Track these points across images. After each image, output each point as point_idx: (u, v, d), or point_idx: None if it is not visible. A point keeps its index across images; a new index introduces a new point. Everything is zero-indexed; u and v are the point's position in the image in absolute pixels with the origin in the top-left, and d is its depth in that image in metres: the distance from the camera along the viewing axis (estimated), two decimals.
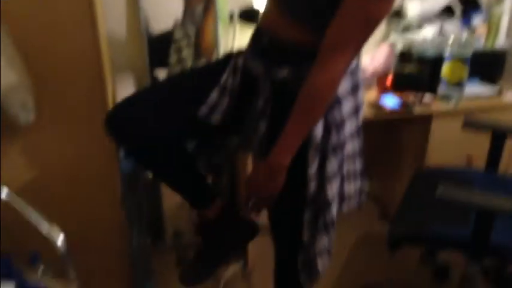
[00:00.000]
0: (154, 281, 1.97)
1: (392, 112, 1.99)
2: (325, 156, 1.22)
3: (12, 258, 1.49)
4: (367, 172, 1.37)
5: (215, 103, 1.32)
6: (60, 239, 1.37)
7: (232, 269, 2.14)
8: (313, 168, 1.21)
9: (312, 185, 1.22)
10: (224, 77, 1.33)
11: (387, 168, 2.55)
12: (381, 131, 2.47)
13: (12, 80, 1.38)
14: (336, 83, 1.12)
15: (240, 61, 1.33)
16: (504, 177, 1.82)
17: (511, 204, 1.34)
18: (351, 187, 1.30)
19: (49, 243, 1.37)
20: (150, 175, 1.66)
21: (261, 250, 2.10)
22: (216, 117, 1.33)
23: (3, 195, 1.45)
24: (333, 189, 1.23)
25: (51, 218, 1.40)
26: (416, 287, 2.09)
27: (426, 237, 1.52)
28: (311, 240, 1.29)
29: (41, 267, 1.60)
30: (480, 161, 2.06)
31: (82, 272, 1.45)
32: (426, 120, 2.07)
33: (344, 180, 1.28)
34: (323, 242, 1.28)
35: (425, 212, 1.61)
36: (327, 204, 1.24)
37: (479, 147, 2.09)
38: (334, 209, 1.26)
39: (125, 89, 1.96)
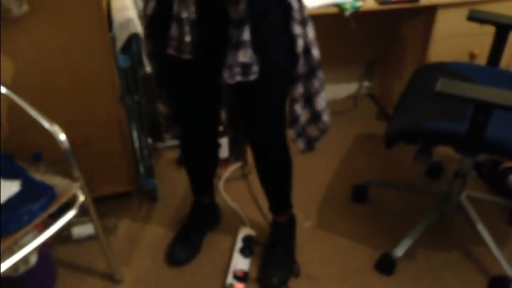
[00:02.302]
0: (157, 180, 2.02)
1: (397, 1, 1.93)
2: (305, 23, 1.30)
3: (13, 157, 1.51)
4: (367, 72, 1.36)
5: (178, 37, 1.25)
6: (62, 137, 1.38)
7: (232, 168, 2.19)
8: (298, 29, 1.28)
9: (300, 42, 1.30)
10: (175, 7, 1.21)
11: (388, 67, 2.53)
12: (382, 26, 2.42)
13: None
14: None
15: None
16: (505, 71, 1.81)
17: (508, 97, 1.34)
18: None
19: (51, 144, 1.38)
20: (148, 71, 1.64)
21: None
22: (186, 50, 1.26)
23: (3, 90, 1.45)
24: (317, 54, 1.35)
25: (52, 117, 1.41)
26: (409, 184, 2.15)
27: (422, 133, 1.53)
28: (309, 107, 1.43)
29: (44, 166, 1.64)
30: (482, 57, 2.03)
31: (86, 171, 1.47)
32: (431, 11, 2.02)
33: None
34: (323, 98, 1.42)
35: (423, 108, 1.62)
36: (317, 65, 1.36)
37: (483, 42, 2.06)
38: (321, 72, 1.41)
39: None
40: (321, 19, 2.22)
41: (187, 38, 1.23)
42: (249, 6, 1.18)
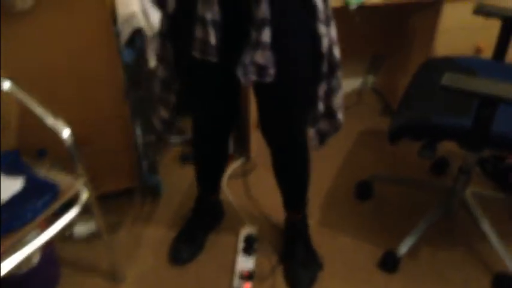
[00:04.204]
0: (160, 176, 2.02)
1: None
2: (328, 22, 1.29)
3: (19, 153, 1.51)
4: (372, 67, 1.34)
5: (203, 39, 1.23)
6: (66, 132, 1.37)
7: (235, 165, 2.19)
8: (323, 29, 1.27)
9: (325, 41, 1.29)
10: (199, 9, 1.20)
11: (393, 61, 2.51)
12: (388, 20, 2.40)
13: None
14: None
15: None
16: (511, 65, 1.79)
17: None
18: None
19: (55, 140, 1.38)
20: (151, 66, 1.64)
21: (263, 146, 2.13)
22: (212, 52, 1.24)
23: (6, 87, 1.44)
24: (338, 53, 1.36)
25: (55, 114, 1.40)
26: (414, 181, 2.14)
27: (427, 127, 1.52)
28: (326, 101, 1.43)
29: (48, 163, 1.64)
30: (488, 51, 2.01)
31: (89, 168, 1.46)
32: (437, 5, 2.01)
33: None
34: (340, 97, 1.44)
35: (428, 103, 1.60)
36: (337, 65, 1.37)
37: (488, 37, 2.04)
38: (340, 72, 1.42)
39: None
40: None
41: (212, 40, 1.21)
42: (272, 7, 1.16)
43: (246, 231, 1.84)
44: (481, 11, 1.76)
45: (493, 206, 1.92)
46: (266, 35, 1.18)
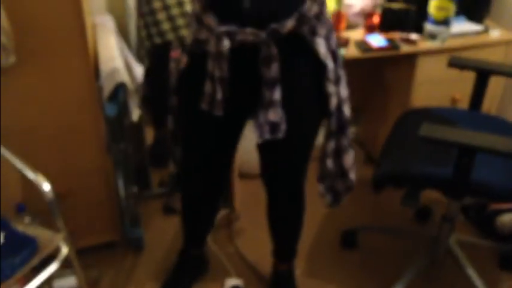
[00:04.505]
0: (142, 229, 1.98)
1: (379, 49, 1.98)
2: (338, 81, 1.30)
3: None
4: (353, 118, 1.38)
5: (211, 94, 1.27)
6: (46, 187, 1.36)
7: (219, 215, 2.16)
8: (331, 88, 1.29)
9: (334, 100, 1.30)
10: (209, 66, 1.24)
11: (373, 113, 2.56)
12: (366, 73, 2.46)
13: None
14: None
15: (224, 43, 1.19)
16: (487, 115, 1.84)
17: (491, 141, 1.36)
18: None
19: (34, 195, 1.36)
20: (134, 119, 1.65)
21: (247, 196, 2.13)
22: (218, 107, 1.27)
23: None
24: (348, 112, 1.36)
25: (36, 167, 1.39)
26: (398, 229, 2.14)
27: (408, 177, 1.54)
28: (337, 162, 1.44)
29: (27, 217, 1.61)
30: (464, 102, 2.07)
31: (69, 221, 1.45)
32: (412, 59, 2.06)
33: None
34: (351, 156, 1.45)
35: (408, 152, 1.63)
36: (347, 123, 1.37)
37: (464, 87, 2.10)
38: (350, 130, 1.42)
39: (105, 31, 1.91)
40: None
41: (219, 96, 1.24)
42: (282, 67, 1.20)
43: (230, 282, 1.80)
44: (455, 63, 1.81)
45: (477, 253, 1.92)
46: (277, 94, 1.22)
